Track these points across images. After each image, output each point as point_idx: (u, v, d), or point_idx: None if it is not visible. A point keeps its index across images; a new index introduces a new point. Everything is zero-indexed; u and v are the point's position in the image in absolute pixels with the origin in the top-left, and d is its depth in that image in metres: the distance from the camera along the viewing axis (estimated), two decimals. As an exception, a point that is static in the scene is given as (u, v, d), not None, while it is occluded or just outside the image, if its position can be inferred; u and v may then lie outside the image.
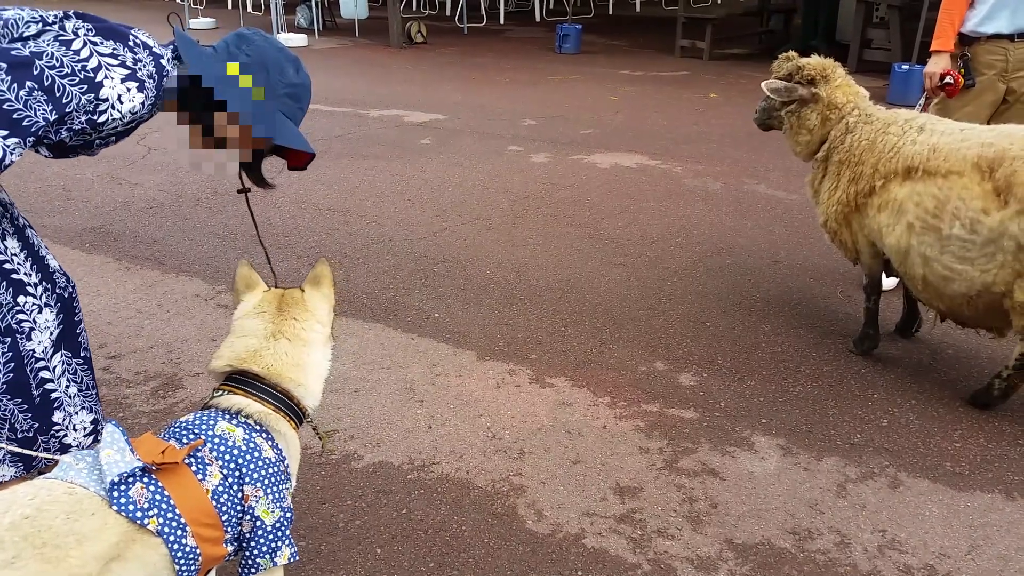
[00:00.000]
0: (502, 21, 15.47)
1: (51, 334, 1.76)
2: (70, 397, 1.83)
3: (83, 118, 1.51)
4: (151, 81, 1.59)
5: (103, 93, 1.51)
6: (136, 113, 1.59)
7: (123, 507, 1.36)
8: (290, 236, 4.71)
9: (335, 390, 3.11)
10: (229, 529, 1.53)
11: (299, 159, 1.90)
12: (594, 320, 3.73)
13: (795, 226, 4.91)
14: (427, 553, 2.31)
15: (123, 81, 1.54)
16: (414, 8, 16.84)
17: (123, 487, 1.37)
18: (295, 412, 1.73)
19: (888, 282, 3.79)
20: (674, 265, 4.35)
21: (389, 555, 2.31)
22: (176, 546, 1.41)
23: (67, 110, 1.47)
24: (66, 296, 1.82)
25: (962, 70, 3.59)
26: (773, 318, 3.76)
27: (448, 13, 16.50)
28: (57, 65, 1.46)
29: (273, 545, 1.60)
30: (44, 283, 1.75)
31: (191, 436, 1.56)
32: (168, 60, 1.66)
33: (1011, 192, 2.60)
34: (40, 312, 1.73)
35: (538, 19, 15.71)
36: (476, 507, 2.51)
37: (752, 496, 2.57)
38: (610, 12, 17.42)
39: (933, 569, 2.27)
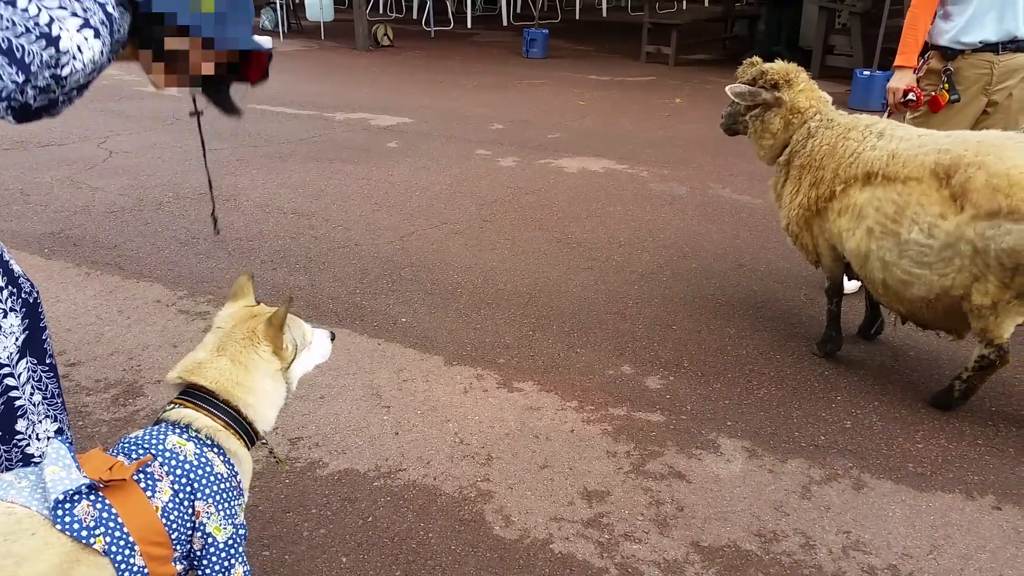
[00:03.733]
0: (469, 25, 15.48)
1: (16, 339, 1.71)
2: (34, 405, 1.79)
3: (47, 73, 1.51)
4: (104, 27, 1.59)
5: (62, 45, 1.50)
6: (96, 62, 1.59)
7: (67, 526, 1.31)
8: (254, 240, 4.65)
9: (300, 396, 3.07)
10: (179, 547, 1.48)
11: (258, 70, 1.84)
12: (561, 324, 3.73)
13: (759, 230, 4.96)
14: (393, 561, 2.29)
15: (79, 30, 1.53)
16: (380, 11, 16.77)
17: (68, 505, 1.33)
18: (246, 431, 1.68)
19: (851, 285, 3.84)
20: (641, 269, 4.37)
21: (355, 564, 2.28)
22: (123, 566, 1.36)
23: (32, 70, 1.47)
24: (31, 301, 1.78)
25: (946, 85, 3.53)
26: (738, 321, 3.79)
27: (415, 16, 16.48)
28: (9, 26, 1.45)
29: (226, 563, 1.56)
30: (9, 287, 1.71)
31: (141, 452, 1.51)
32: (113, 6, 1.63)
33: (967, 197, 2.64)
34: (5, 317, 1.68)
35: (505, 23, 15.73)
36: (443, 514, 2.49)
37: (718, 499, 2.58)
38: (577, 17, 17.53)
39: (896, 569, 2.30)
